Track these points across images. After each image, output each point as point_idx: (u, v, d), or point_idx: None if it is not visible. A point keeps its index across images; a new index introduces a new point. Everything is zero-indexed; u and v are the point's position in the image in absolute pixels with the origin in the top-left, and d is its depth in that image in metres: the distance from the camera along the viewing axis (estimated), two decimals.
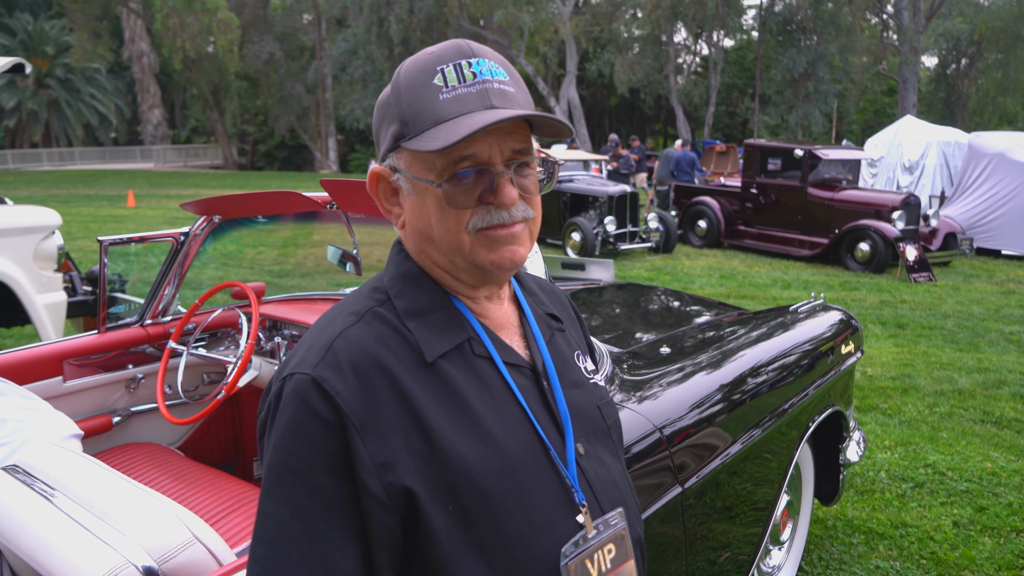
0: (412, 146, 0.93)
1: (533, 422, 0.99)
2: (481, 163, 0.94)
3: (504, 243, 0.97)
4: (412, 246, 1.04)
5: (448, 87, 0.93)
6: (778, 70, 32.80)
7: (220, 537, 1.58)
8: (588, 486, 1.02)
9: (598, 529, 1.01)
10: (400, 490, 0.88)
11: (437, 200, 0.95)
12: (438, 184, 0.94)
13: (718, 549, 2.13)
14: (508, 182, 0.95)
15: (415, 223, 1.00)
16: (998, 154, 12.08)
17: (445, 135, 0.90)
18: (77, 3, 34.70)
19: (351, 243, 2.95)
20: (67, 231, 12.33)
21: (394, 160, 0.99)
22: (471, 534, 0.91)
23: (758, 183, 12.30)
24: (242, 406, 3.30)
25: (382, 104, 1.00)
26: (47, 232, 5.07)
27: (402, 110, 0.95)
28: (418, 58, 0.98)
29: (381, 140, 1.01)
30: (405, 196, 1.00)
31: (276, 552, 0.88)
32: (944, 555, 3.31)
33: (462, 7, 32.98)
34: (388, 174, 1.01)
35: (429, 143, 0.91)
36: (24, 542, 1.48)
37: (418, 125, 0.93)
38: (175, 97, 47.90)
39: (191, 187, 25.91)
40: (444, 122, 0.92)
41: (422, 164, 0.96)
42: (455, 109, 0.92)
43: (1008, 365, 6.27)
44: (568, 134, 1.02)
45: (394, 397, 0.92)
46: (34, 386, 2.60)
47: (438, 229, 0.97)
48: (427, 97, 0.93)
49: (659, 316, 3.59)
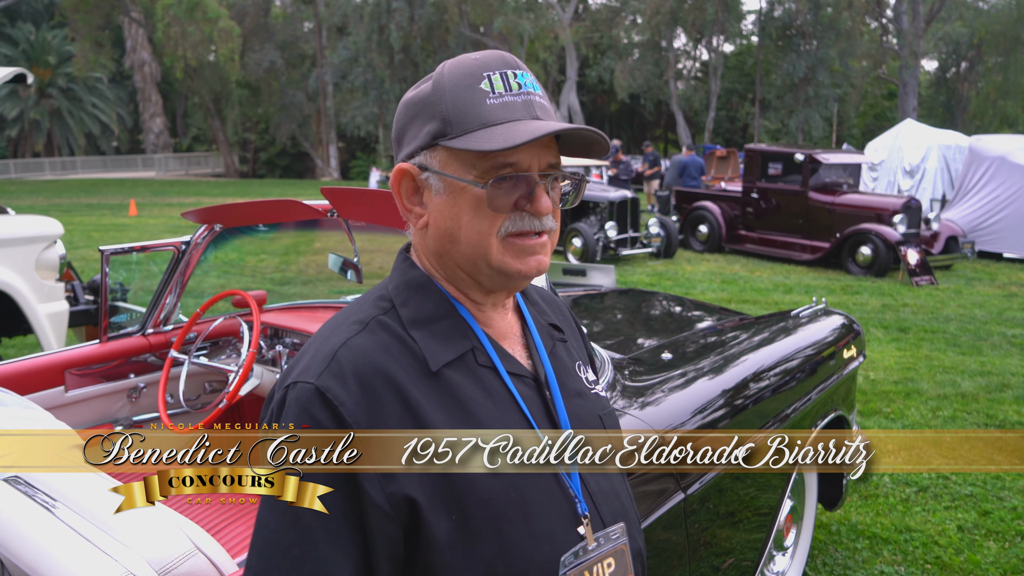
0: (459, 144, 0.93)
1: (536, 432, 0.99)
2: (522, 170, 0.96)
3: (531, 252, 0.99)
4: (431, 246, 1.02)
5: (495, 93, 0.95)
6: (778, 75, 32.83)
7: (222, 547, 1.57)
8: (590, 497, 1.02)
9: (599, 542, 1.00)
10: (403, 500, 0.88)
11: (474, 200, 0.96)
12: (482, 185, 0.95)
13: (722, 555, 2.12)
14: (544, 192, 0.97)
15: (441, 223, 0.99)
16: (999, 157, 12.08)
17: (504, 137, 0.92)
18: (79, 13, 34.83)
19: (352, 251, 2.95)
20: (69, 240, 12.33)
21: (425, 158, 0.98)
22: (473, 543, 0.91)
23: (759, 188, 12.30)
24: (244, 415, 3.29)
25: (416, 102, 0.99)
26: (49, 242, 5.08)
27: (445, 109, 0.95)
28: (462, 62, 0.98)
29: (410, 138, 1.00)
30: (432, 195, 0.99)
31: (269, 561, 0.89)
32: (949, 559, 3.29)
33: (462, 14, 33.06)
34: (416, 172, 1.00)
35: (484, 143, 0.92)
36: (25, 553, 1.48)
37: (463, 126, 0.94)
38: (177, 106, 48.03)
39: (193, 195, 25.95)
40: (492, 126, 0.93)
41: (460, 164, 0.96)
42: (503, 115, 0.94)
43: (1011, 368, 6.26)
44: (603, 153, 1.02)
45: (398, 406, 0.91)
46: (36, 396, 2.60)
47: (468, 230, 0.97)
48: (474, 100, 0.95)
49: (661, 322, 3.59)
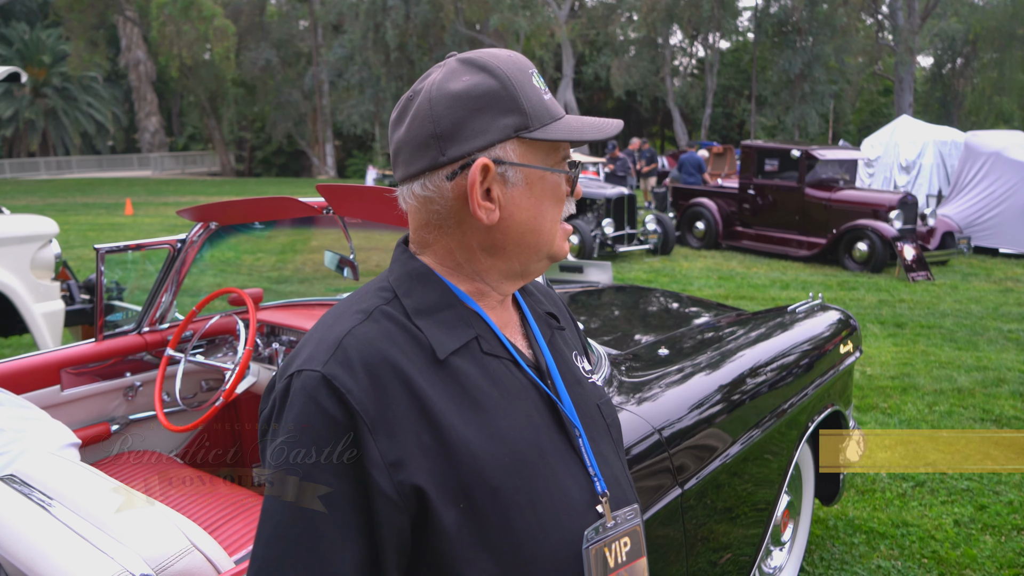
0: (548, 135, 0.98)
1: (562, 415, 1.01)
2: (569, 160, 1.04)
3: (567, 236, 1.07)
4: (488, 241, 1.00)
5: (544, 90, 1.01)
6: (774, 71, 32.85)
7: (219, 545, 1.57)
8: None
9: (616, 520, 1.02)
10: (411, 488, 0.88)
11: (551, 190, 1.02)
12: (564, 171, 1.02)
13: (719, 550, 2.12)
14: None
15: (520, 215, 0.99)
16: (994, 153, 12.09)
17: (587, 128, 1.00)
18: (73, 12, 34.75)
19: (348, 248, 2.95)
20: (65, 240, 12.30)
21: (500, 151, 0.97)
22: (481, 532, 0.91)
23: (755, 184, 12.30)
24: (240, 413, 3.29)
25: (479, 95, 0.96)
26: (44, 241, 5.07)
27: (524, 103, 0.98)
28: (505, 57, 1.01)
29: (476, 132, 0.96)
30: (507, 188, 0.98)
31: (274, 551, 0.88)
32: (945, 554, 3.30)
33: (458, 12, 33.03)
34: (493, 167, 0.98)
35: (576, 134, 0.99)
36: (21, 552, 1.48)
37: (541, 119, 0.98)
38: (172, 105, 47.90)
39: (189, 194, 25.90)
40: (557, 120, 1.00)
41: (537, 155, 1.00)
42: (555, 110, 1.01)
43: (1007, 363, 6.27)
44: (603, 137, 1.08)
45: (405, 395, 0.91)
46: (32, 395, 2.59)
47: (545, 219, 1.02)
48: (537, 94, 1.00)
49: (658, 318, 3.59)
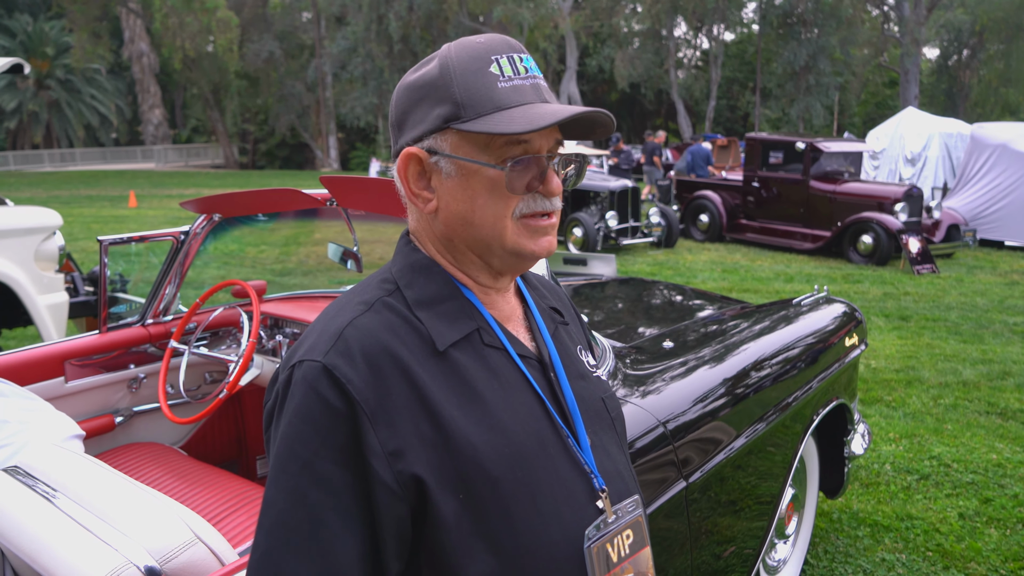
0: (477, 127, 0.93)
1: (551, 410, 1.00)
2: (533, 152, 0.97)
3: (543, 233, 1.00)
4: (439, 231, 1.02)
5: (504, 77, 0.96)
6: (779, 63, 32.70)
7: (222, 536, 1.57)
8: None
9: (617, 515, 1.02)
10: (410, 478, 0.88)
11: (489, 183, 0.96)
12: (501, 167, 0.95)
13: (723, 543, 2.12)
14: (555, 172, 0.99)
15: (453, 207, 0.99)
16: (1000, 145, 12.04)
17: (525, 119, 0.92)
18: (76, 4, 34.68)
19: (352, 240, 2.94)
20: (69, 232, 12.34)
21: (435, 141, 0.97)
22: (480, 522, 0.91)
23: (760, 177, 12.27)
24: (244, 405, 3.29)
25: (421, 85, 0.98)
26: (48, 233, 5.06)
27: (457, 92, 0.95)
28: (469, 45, 0.98)
29: (415, 121, 0.99)
30: (443, 179, 0.98)
31: (276, 540, 0.88)
32: (950, 547, 3.30)
33: (461, 3, 32.91)
34: (424, 156, 0.98)
35: (505, 126, 0.92)
36: (26, 543, 1.48)
37: (476, 109, 0.94)
38: (175, 97, 47.89)
39: (192, 187, 25.92)
40: (506, 109, 0.94)
41: (473, 147, 0.96)
42: (515, 98, 0.95)
43: (1012, 356, 6.25)
44: (606, 134, 1.03)
45: (405, 385, 0.91)
46: (36, 387, 2.59)
47: (483, 213, 0.97)
48: (485, 83, 0.95)
49: (661, 311, 3.58)
